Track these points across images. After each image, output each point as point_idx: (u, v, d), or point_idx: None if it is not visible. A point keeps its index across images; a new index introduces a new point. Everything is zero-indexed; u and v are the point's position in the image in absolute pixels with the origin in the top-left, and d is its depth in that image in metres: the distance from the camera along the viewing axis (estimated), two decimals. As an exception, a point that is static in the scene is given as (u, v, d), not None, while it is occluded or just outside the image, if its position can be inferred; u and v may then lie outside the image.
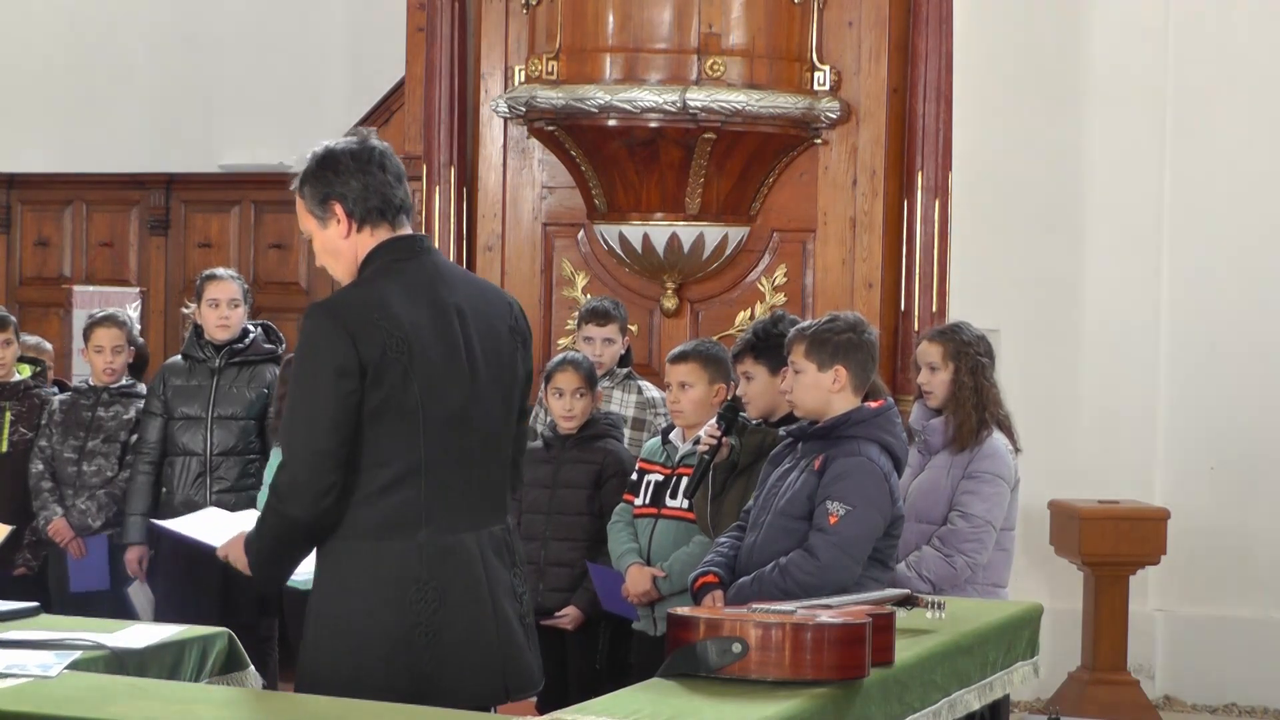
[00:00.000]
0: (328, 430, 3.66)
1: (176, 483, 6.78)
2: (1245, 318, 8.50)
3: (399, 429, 3.70)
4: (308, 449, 3.69)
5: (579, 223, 7.60)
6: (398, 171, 3.86)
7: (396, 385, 3.68)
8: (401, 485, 3.72)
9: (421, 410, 3.70)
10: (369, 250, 3.82)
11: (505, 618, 3.82)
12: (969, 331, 5.83)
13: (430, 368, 3.72)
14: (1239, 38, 8.54)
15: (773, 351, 5.26)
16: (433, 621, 3.71)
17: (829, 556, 4.52)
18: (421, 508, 3.73)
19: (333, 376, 3.66)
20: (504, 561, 3.86)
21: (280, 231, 9.54)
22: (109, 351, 6.98)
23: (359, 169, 3.80)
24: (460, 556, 3.76)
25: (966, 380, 5.71)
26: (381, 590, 3.71)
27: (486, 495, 3.85)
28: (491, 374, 3.84)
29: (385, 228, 3.83)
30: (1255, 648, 8.40)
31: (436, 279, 3.83)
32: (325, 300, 3.82)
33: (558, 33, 7.21)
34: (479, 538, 3.80)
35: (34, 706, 3.46)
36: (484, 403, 3.81)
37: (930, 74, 7.33)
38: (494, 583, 3.81)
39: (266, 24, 10.80)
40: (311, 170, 3.84)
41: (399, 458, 3.71)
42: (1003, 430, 5.75)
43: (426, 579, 3.71)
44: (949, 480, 5.64)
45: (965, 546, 5.55)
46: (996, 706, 4.42)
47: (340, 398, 3.66)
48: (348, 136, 3.90)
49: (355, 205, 3.81)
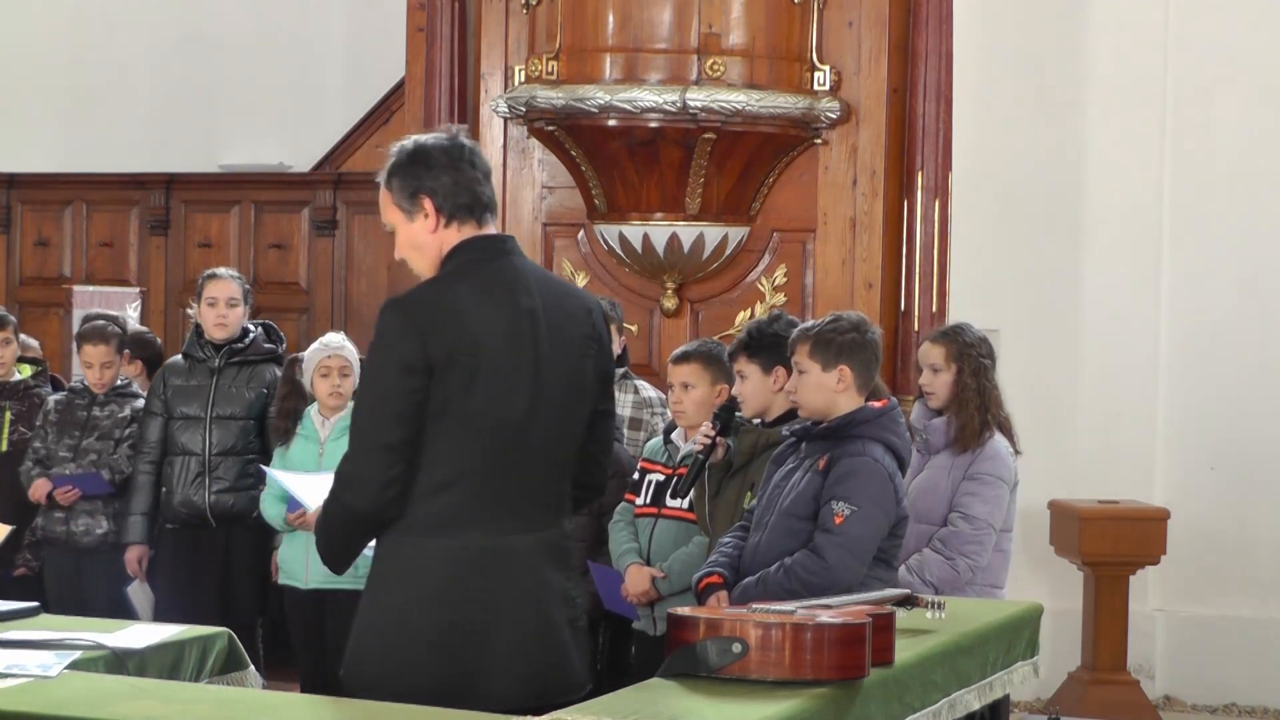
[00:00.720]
0: (392, 424, 3.69)
1: (176, 482, 6.77)
2: (1245, 317, 8.51)
3: (458, 430, 3.71)
4: (372, 442, 3.72)
5: (579, 223, 7.61)
6: (486, 169, 3.87)
7: (460, 387, 3.69)
8: (456, 485, 3.73)
9: (482, 414, 3.71)
10: (452, 246, 3.83)
11: (552, 622, 3.82)
12: (971, 333, 5.83)
13: (496, 372, 3.73)
14: (1239, 38, 8.54)
15: (766, 351, 5.26)
16: (478, 621, 3.72)
17: (835, 557, 4.52)
18: (474, 508, 3.74)
19: (400, 372, 3.68)
20: (557, 565, 3.86)
21: (280, 231, 9.55)
22: (98, 368, 7.00)
23: (450, 164, 3.82)
24: (509, 559, 3.77)
25: (970, 382, 5.72)
26: (429, 587, 3.72)
27: (542, 499, 3.85)
28: (559, 380, 3.83)
29: (471, 225, 3.84)
30: (1255, 648, 8.40)
31: (515, 281, 3.82)
32: (400, 296, 3.83)
33: (558, 33, 7.21)
34: (530, 541, 3.81)
35: (34, 706, 3.46)
36: (548, 409, 3.81)
37: (930, 74, 7.33)
38: (542, 586, 3.81)
39: (266, 24, 10.81)
40: (402, 163, 3.84)
41: (456, 458, 3.72)
42: (1003, 432, 5.75)
43: (474, 579, 3.73)
44: (949, 481, 5.65)
45: (967, 549, 5.55)
46: (996, 706, 4.42)
47: (406, 394, 3.68)
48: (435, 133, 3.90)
49: (445, 200, 3.81)
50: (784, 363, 5.04)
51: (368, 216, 9.39)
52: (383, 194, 3.89)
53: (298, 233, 9.52)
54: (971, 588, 5.55)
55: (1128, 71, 8.59)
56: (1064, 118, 8.63)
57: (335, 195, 9.46)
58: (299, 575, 6.45)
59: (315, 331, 8.84)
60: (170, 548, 6.85)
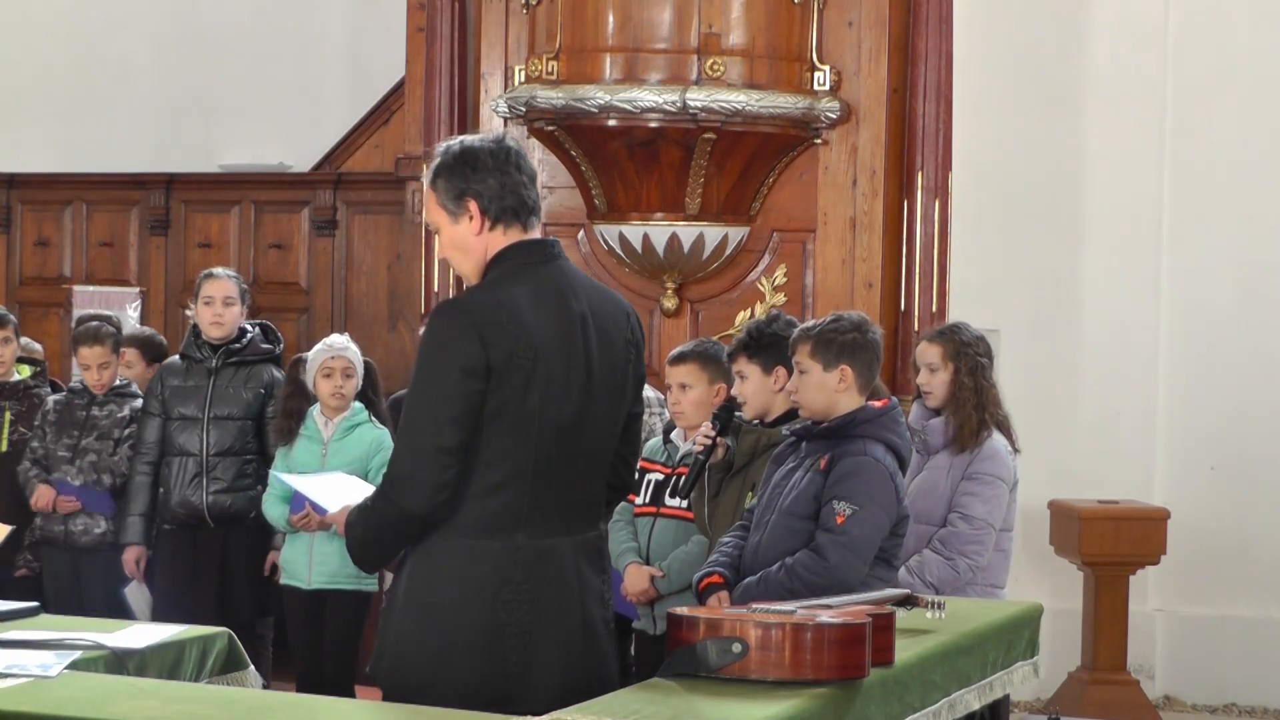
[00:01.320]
0: (450, 427, 3.69)
1: (173, 483, 6.77)
2: (1245, 318, 8.51)
3: (513, 433, 3.73)
4: (428, 444, 3.71)
5: (579, 223, 7.61)
6: (531, 173, 3.88)
7: (517, 390, 3.70)
8: (507, 487, 3.74)
9: (538, 417, 3.73)
10: (499, 250, 3.83)
11: (592, 623, 3.86)
12: (968, 332, 5.83)
13: (552, 376, 3.74)
14: (1239, 38, 8.54)
15: (766, 351, 5.25)
16: (523, 622, 3.74)
17: (837, 557, 4.52)
18: (522, 510, 3.75)
19: (460, 375, 3.69)
20: (595, 568, 3.90)
21: (280, 231, 9.54)
22: (95, 369, 7.00)
23: (497, 167, 3.82)
24: (554, 561, 3.79)
25: (966, 381, 5.71)
26: (475, 587, 3.74)
27: (585, 502, 3.88)
28: (606, 385, 3.86)
29: (517, 228, 3.84)
30: (1255, 648, 8.40)
31: (564, 285, 3.83)
32: (455, 299, 3.85)
33: (558, 33, 7.21)
34: (573, 543, 3.84)
35: (34, 706, 3.46)
36: (596, 413, 3.84)
37: (930, 74, 7.33)
38: (584, 588, 3.85)
39: (266, 24, 10.80)
40: (449, 164, 3.84)
41: (509, 460, 3.74)
42: (1002, 431, 5.74)
43: (520, 580, 3.74)
44: (948, 481, 5.65)
45: (967, 549, 5.55)
46: (996, 706, 4.42)
47: (465, 397, 3.69)
48: (483, 135, 3.91)
49: (491, 203, 3.81)
50: (784, 363, 5.04)
51: (368, 216, 9.39)
52: (427, 194, 3.90)
53: (298, 233, 9.52)
54: (972, 588, 5.55)
55: (1128, 71, 8.59)
56: (1064, 118, 8.63)
57: (335, 195, 9.45)
58: (302, 576, 6.45)
59: (315, 331, 8.84)
60: (168, 548, 6.85)
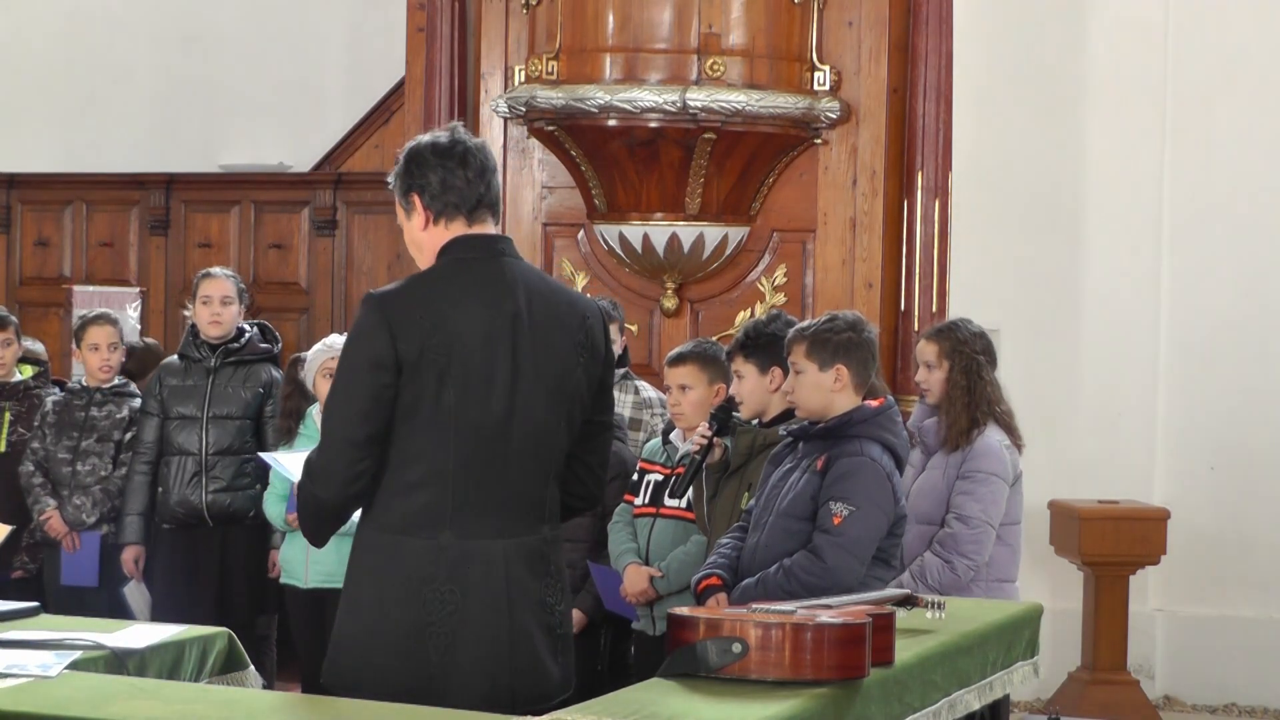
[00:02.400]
0: (359, 420, 3.71)
1: (172, 482, 6.77)
2: (1245, 317, 8.51)
3: (430, 429, 3.72)
4: (339, 436, 3.75)
5: (579, 223, 7.61)
6: (481, 167, 3.87)
7: (430, 386, 3.70)
8: (429, 484, 3.74)
9: (455, 414, 3.71)
10: (443, 244, 3.86)
11: (523, 627, 3.79)
12: (966, 329, 5.82)
13: (469, 373, 3.72)
14: (1239, 38, 8.54)
15: (762, 351, 5.25)
16: (447, 623, 3.72)
17: (834, 558, 4.51)
18: (446, 508, 3.74)
19: (368, 367, 3.71)
20: (534, 572, 3.83)
21: (280, 231, 9.54)
22: (105, 349, 6.96)
23: (439, 163, 3.85)
24: (481, 563, 3.76)
25: (959, 379, 5.71)
26: (398, 585, 3.73)
27: (520, 505, 3.83)
28: (541, 387, 3.81)
29: (460, 222, 3.86)
30: (1255, 648, 8.40)
31: (501, 284, 3.82)
32: (378, 291, 3.84)
33: (558, 33, 7.21)
34: (506, 546, 3.79)
35: (34, 706, 3.46)
36: (528, 415, 3.79)
37: (930, 74, 7.33)
38: (515, 592, 3.79)
39: (266, 24, 10.80)
40: (400, 162, 3.91)
41: (428, 457, 3.73)
42: (1003, 427, 5.73)
43: (443, 580, 3.72)
44: (945, 481, 5.65)
45: (965, 549, 5.55)
46: (996, 706, 4.42)
47: (373, 390, 3.71)
48: (436, 132, 3.94)
49: (433, 199, 3.85)
50: (781, 363, 5.04)
51: (368, 216, 9.39)
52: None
53: (298, 233, 9.52)
54: (978, 585, 5.55)
55: (1128, 71, 8.59)
56: (1064, 118, 8.63)
57: (335, 195, 9.45)
58: (299, 575, 6.45)
59: (315, 331, 8.85)
60: (167, 548, 6.85)
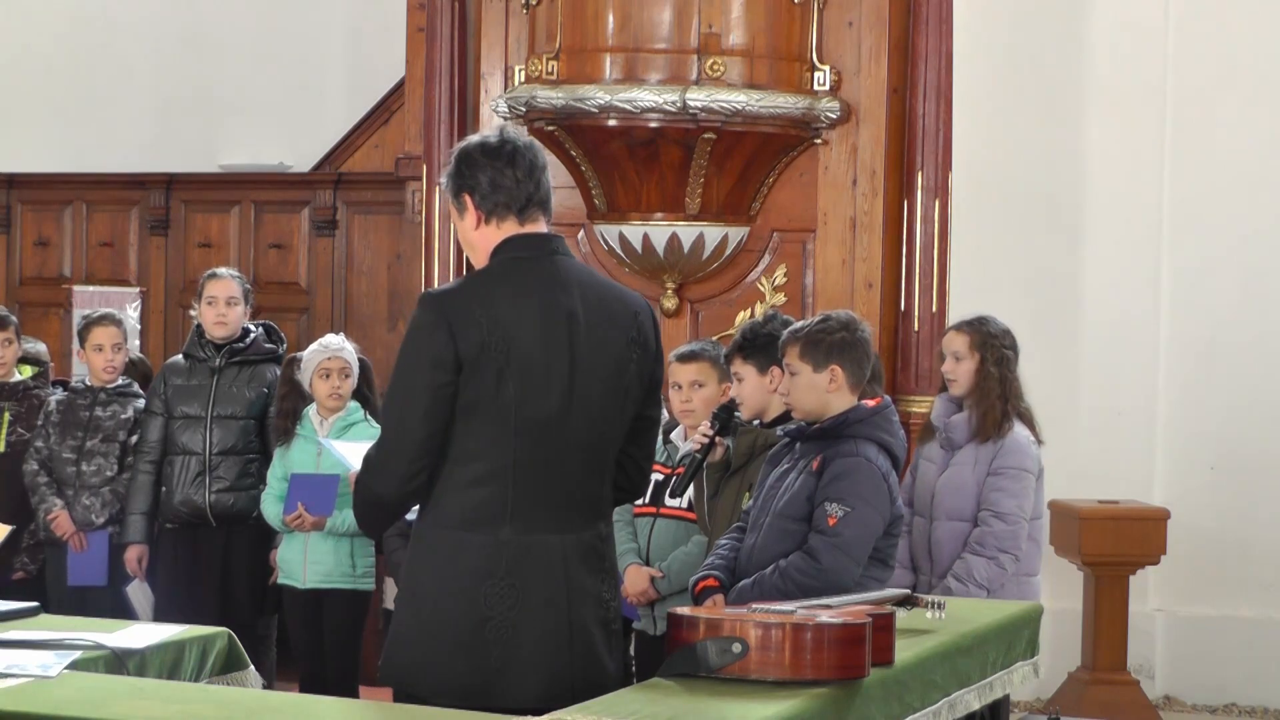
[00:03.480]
0: (419, 418, 3.74)
1: (176, 482, 6.78)
2: (1245, 317, 8.51)
3: (490, 426, 3.75)
4: (399, 433, 3.78)
5: (579, 223, 7.60)
6: (530, 166, 3.90)
7: (490, 384, 3.73)
8: (489, 481, 3.76)
9: (515, 411, 3.74)
10: (497, 244, 3.88)
11: (581, 622, 3.82)
12: (995, 324, 5.89)
13: (528, 370, 3.75)
14: (1239, 38, 8.54)
15: (761, 351, 5.26)
16: (507, 618, 3.74)
17: (829, 559, 4.51)
18: (507, 505, 3.77)
19: (428, 367, 3.74)
20: (590, 568, 3.86)
21: (280, 231, 9.54)
22: (109, 349, 6.97)
23: (488, 162, 3.87)
24: (541, 557, 3.79)
25: (993, 371, 5.77)
26: (459, 580, 3.76)
27: (578, 501, 3.86)
28: (598, 383, 3.85)
29: (512, 222, 3.88)
30: (1255, 648, 8.40)
31: (555, 282, 3.85)
32: (436, 290, 3.89)
33: (558, 33, 7.21)
34: (564, 541, 3.82)
35: (34, 706, 3.46)
36: (585, 411, 3.82)
37: (930, 74, 7.33)
38: (574, 588, 3.82)
39: (266, 24, 10.80)
40: (451, 163, 3.94)
41: (488, 454, 3.76)
42: (1025, 422, 5.82)
43: (504, 575, 3.75)
44: (975, 475, 5.71)
45: (1008, 545, 5.67)
46: (996, 706, 4.42)
47: (434, 388, 3.73)
48: (486, 132, 3.98)
49: (483, 199, 3.88)
50: (780, 363, 5.04)
51: (368, 216, 9.39)
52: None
53: (298, 233, 9.52)
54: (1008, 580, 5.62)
55: (1128, 71, 8.59)
56: (1064, 118, 8.63)
57: (335, 195, 9.45)
58: (297, 575, 6.46)
59: (315, 331, 8.84)
60: (170, 547, 6.86)
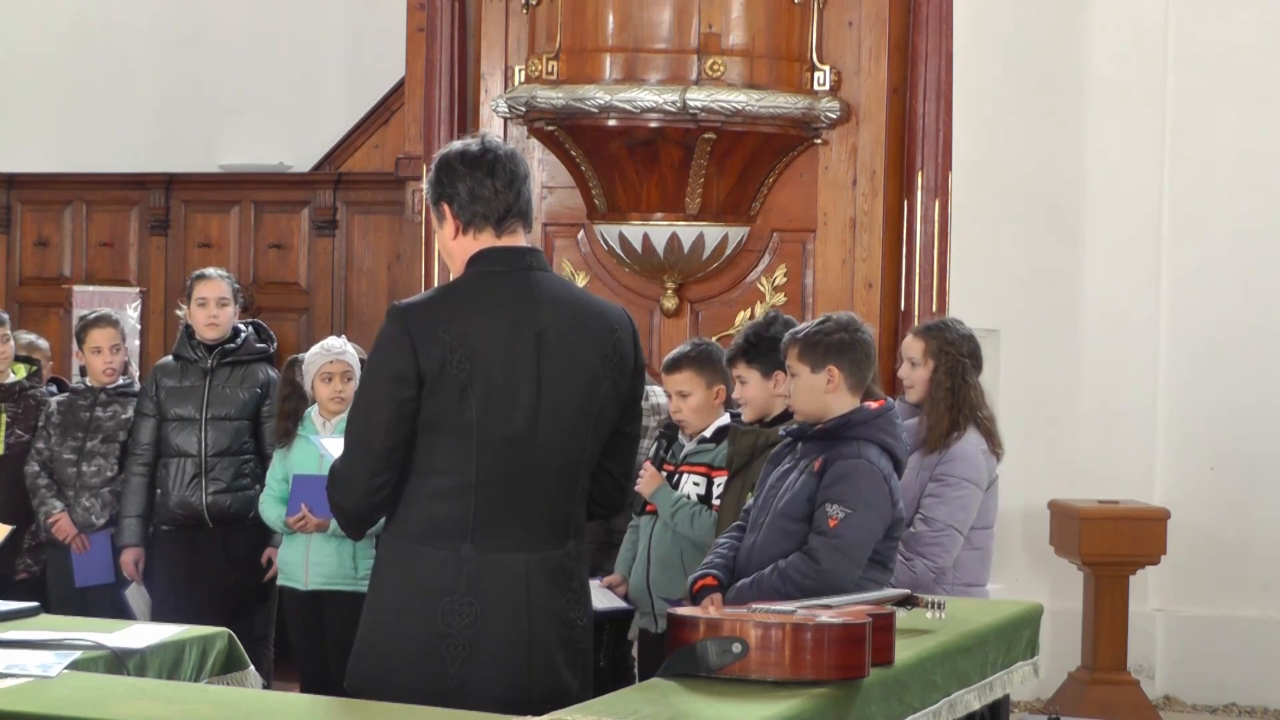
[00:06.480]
0: (381, 432, 3.73)
1: (171, 484, 6.77)
2: (1245, 317, 8.51)
3: (453, 443, 3.72)
4: (361, 446, 3.77)
5: (579, 223, 7.60)
6: (510, 176, 3.85)
7: (452, 400, 3.69)
8: (452, 496, 3.73)
9: (477, 429, 3.70)
10: (472, 255, 3.84)
11: (542, 640, 3.77)
12: (956, 330, 5.78)
13: (491, 387, 3.71)
14: (1239, 38, 8.54)
15: (765, 355, 5.25)
16: (465, 635, 3.71)
17: (829, 560, 4.51)
18: (468, 521, 3.73)
19: (390, 381, 3.71)
20: (557, 587, 3.81)
21: (280, 231, 9.54)
22: (107, 351, 6.97)
23: (467, 172, 3.83)
24: (503, 576, 3.74)
25: (943, 381, 5.67)
26: (417, 595, 3.73)
27: (545, 519, 3.81)
28: (568, 402, 3.79)
29: (489, 233, 3.84)
30: (1255, 648, 8.41)
31: (526, 298, 3.80)
32: (403, 302, 3.82)
33: (558, 33, 7.21)
34: (528, 560, 3.77)
35: (34, 706, 3.46)
36: (554, 429, 3.77)
37: (930, 74, 7.32)
38: (536, 605, 3.77)
39: (266, 24, 10.80)
40: (431, 170, 3.90)
41: (451, 470, 3.73)
42: (982, 432, 5.68)
43: (464, 592, 3.72)
44: (918, 482, 5.59)
45: (927, 550, 5.52)
46: (996, 706, 4.42)
47: (395, 403, 3.71)
48: (467, 140, 3.93)
49: (461, 209, 3.84)
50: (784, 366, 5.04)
51: (368, 216, 9.39)
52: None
53: (298, 233, 9.52)
54: (942, 586, 5.49)
55: (1128, 71, 8.59)
56: (1064, 118, 8.63)
57: (335, 195, 9.45)
58: (298, 577, 6.44)
59: (315, 332, 8.84)
60: (166, 549, 6.85)
